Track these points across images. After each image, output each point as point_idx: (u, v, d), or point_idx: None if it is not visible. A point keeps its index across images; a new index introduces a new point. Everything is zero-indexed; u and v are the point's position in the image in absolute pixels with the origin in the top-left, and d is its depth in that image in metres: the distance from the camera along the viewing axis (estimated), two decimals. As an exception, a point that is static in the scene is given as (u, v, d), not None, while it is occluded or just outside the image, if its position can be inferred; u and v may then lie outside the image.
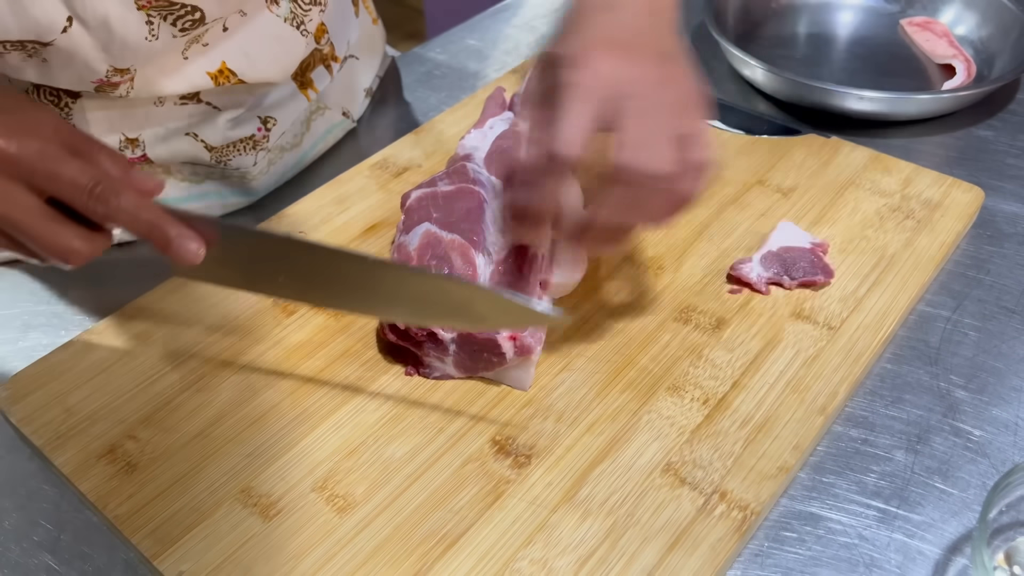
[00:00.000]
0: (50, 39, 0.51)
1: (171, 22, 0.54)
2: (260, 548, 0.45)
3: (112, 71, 0.55)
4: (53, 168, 0.43)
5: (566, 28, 0.49)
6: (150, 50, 0.55)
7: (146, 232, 0.45)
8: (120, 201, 0.44)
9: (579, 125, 0.44)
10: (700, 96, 0.48)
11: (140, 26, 0.53)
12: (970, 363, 0.55)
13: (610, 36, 0.47)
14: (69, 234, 0.44)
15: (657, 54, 0.48)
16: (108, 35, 0.53)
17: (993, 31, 0.82)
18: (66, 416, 0.52)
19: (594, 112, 0.45)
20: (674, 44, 0.49)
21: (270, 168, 0.70)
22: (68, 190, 0.43)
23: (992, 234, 0.64)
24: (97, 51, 0.53)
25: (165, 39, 0.55)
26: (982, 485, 0.49)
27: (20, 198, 0.43)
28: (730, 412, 0.51)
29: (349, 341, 0.56)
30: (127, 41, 0.53)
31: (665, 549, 0.45)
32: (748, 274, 0.58)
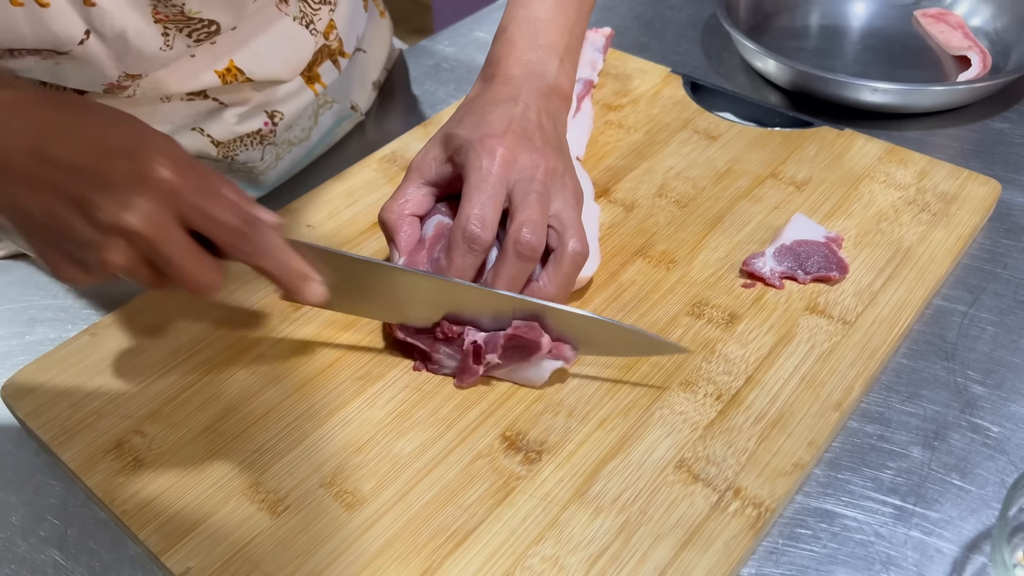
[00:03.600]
0: (67, 49, 0.51)
1: (186, 34, 0.54)
2: (268, 544, 0.45)
3: (123, 76, 0.55)
4: (209, 206, 0.43)
5: (472, 114, 0.54)
6: (164, 59, 0.55)
7: (278, 276, 0.46)
8: (263, 242, 0.44)
9: (494, 209, 0.50)
10: (580, 189, 0.54)
11: (156, 38, 0.53)
12: (987, 358, 0.55)
13: (518, 129, 0.52)
14: (209, 268, 0.44)
15: (557, 150, 0.54)
16: (124, 47, 0.52)
17: (1009, 22, 0.81)
18: (73, 411, 0.52)
19: (503, 197, 0.50)
20: (564, 142, 0.56)
21: (278, 162, 0.70)
22: (219, 228, 0.43)
23: (1009, 227, 0.63)
24: (112, 60, 0.53)
25: (179, 49, 0.55)
26: (1000, 482, 0.48)
27: (176, 232, 0.43)
28: (744, 408, 0.50)
29: (357, 336, 0.55)
30: (143, 52, 0.53)
31: (678, 546, 0.44)
32: (761, 269, 0.58)
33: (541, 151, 0.52)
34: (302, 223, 0.64)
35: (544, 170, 0.51)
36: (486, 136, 0.51)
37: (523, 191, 0.50)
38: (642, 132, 0.71)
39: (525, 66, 0.56)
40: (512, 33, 0.57)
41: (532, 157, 0.51)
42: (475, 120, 0.53)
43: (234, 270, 0.60)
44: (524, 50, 0.56)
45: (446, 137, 0.54)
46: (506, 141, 0.51)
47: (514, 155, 0.51)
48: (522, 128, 0.52)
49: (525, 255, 0.50)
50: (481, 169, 0.50)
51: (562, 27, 0.58)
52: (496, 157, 0.50)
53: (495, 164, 0.50)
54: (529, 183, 0.51)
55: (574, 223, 0.52)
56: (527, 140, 0.52)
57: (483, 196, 0.50)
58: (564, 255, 0.51)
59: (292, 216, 0.64)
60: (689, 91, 0.75)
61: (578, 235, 0.51)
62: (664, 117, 0.72)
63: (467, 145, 0.51)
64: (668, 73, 0.77)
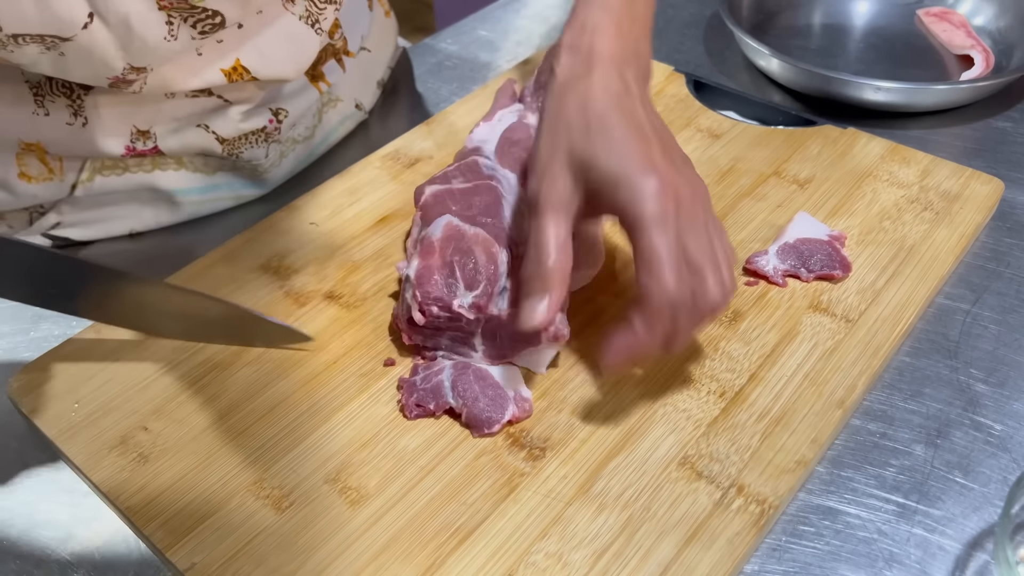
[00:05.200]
0: (70, 35, 0.50)
1: (191, 24, 0.54)
2: (273, 540, 0.45)
3: (129, 69, 0.54)
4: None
5: (597, 116, 0.46)
6: (168, 50, 0.55)
7: None
8: None
9: (674, 264, 0.43)
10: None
11: (160, 26, 0.53)
12: (990, 356, 0.55)
13: (661, 149, 0.45)
14: None
15: (682, 158, 0.48)
16: (128, 33, 0.52)
17: (1012, 21, 0.81)
18: (77, 407, 0.52)
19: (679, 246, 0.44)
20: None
21: (282, 159, 0.70)
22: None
23: (1012, 226, 0.64)
24: (116, 49, 0.53)
25: (184, 40, 0.55)
26: (1003, 480, 0.48)
27: None
28: (747, 405, 0.50)
29: (362, 332, 0.56)
30: (146, 40, 0.53)
31: (682, 543, 0.44)
32: (764, 267, 0.58)
33: (681, 170, 0.47)
34: (305, 221, 0.64)
35: (693, 199, 0.46)
36: (637, 163, 0.44)
37: (682, 235, 0.45)
38: (645, 130, 0.71)
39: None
40: None
41: (679, 184, 0.45)
42: (604, 130, 0.45)
43: (232, 270, 0.60)
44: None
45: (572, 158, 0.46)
46: (662, 175, 0.44)
47: (670, 189, 0.44)
48: (662, 147, 0.47)
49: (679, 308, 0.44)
50: (650, 218, 0.43)
51: None
52: (657, 198, 0.44)
53: (661, 207, 0.44)
54: (685, 222, 0.45)
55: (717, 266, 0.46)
56: (669, 160, 0.46)
57: (665, 255, 0.43)
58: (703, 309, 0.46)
59: (295, 214, 0.64)
60: (692, 90, 0.75)
61: (728, 267, 0.47)
62: (667, 116, 0.72)
63: (619, 179, 0.44)
64: (671, 72, 0.77)
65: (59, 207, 0.64)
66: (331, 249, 0.62)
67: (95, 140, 0.59)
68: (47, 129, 0.59)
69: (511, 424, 0.50)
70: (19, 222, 0.65)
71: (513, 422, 0.50)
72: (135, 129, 0.60)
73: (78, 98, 0.58)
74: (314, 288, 0.59)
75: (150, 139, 0.61)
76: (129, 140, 0.60)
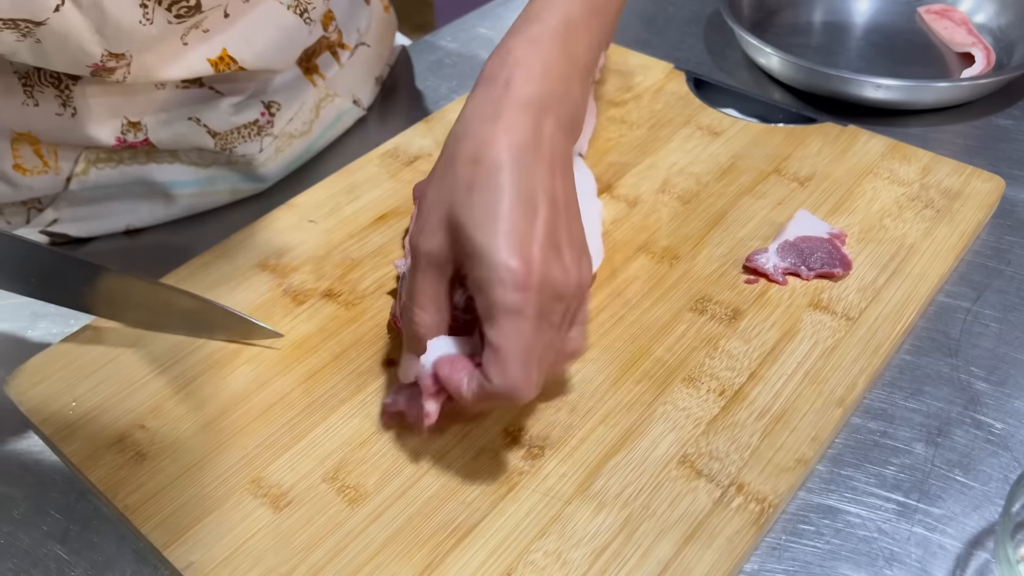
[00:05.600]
0: (43, 18, 0.50)
1: (166, 7, 0.53)
2: (270, 539, 0.45)
3: (107, 55, 0.54)
4: None
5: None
6: (145, 35, 0.54)
7: None
8: None
9: (518, 361, 0.41)
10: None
11: (134, 9, 0.52)
12: (991, 355, 0.54)
13: (542, 229, 0.42)
14: None
15: (572, 239, 0.44)
16: (101, 16, 0.51)
17: (1013, 19, 0.81)
18: (75, 406, 0.52)
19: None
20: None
21: (278, 155, 0.69)
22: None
23: (1013, 224, 0.63)
24: (91, 33, 0.52)
25: (160, 24, 0.54)
26: (1004, 478, 0.48)
27: None
28: (747, 403, 0.50)
29: (360, 330, 0.55)
30: (121, 24, 0.52)
31: (681, 542, 0.44)
32: (764, 264, 0.58)
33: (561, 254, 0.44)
34: (304, 218, 0.64)
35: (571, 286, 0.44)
36: (511, 245, 0.42)
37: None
38: (645, 128, 0.71)
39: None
40: None
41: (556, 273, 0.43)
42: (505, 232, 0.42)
43: (230, 268, 0.60)
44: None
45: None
46: (536, 261, 0.42)
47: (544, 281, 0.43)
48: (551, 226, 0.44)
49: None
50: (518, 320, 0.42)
51: None
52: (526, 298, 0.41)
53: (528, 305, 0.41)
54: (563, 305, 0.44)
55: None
56: (552, 246, 0.44)
57: (520, 359, 0.42)
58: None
59: (294, 211, 0.64)
60: (692, 87, 0.74)
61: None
62: (667, 113, 0.72)
63: (492, 269, 0.42)
64: (671, 69, 0.77)
65: (56, 203, 0.64)
66: (330, 247, 0.61)
67: (85, 131, 0.59)
68: (37, 120, 0.58)
69: None
70: (17, 218, 0.65)
71: None
72: (126, 120, 0.60)
73: (66, 88, 0.58)
74: (312, 286, 0.59)
75: (141, 131, 0.61)
76: (120, 132, 0.60)
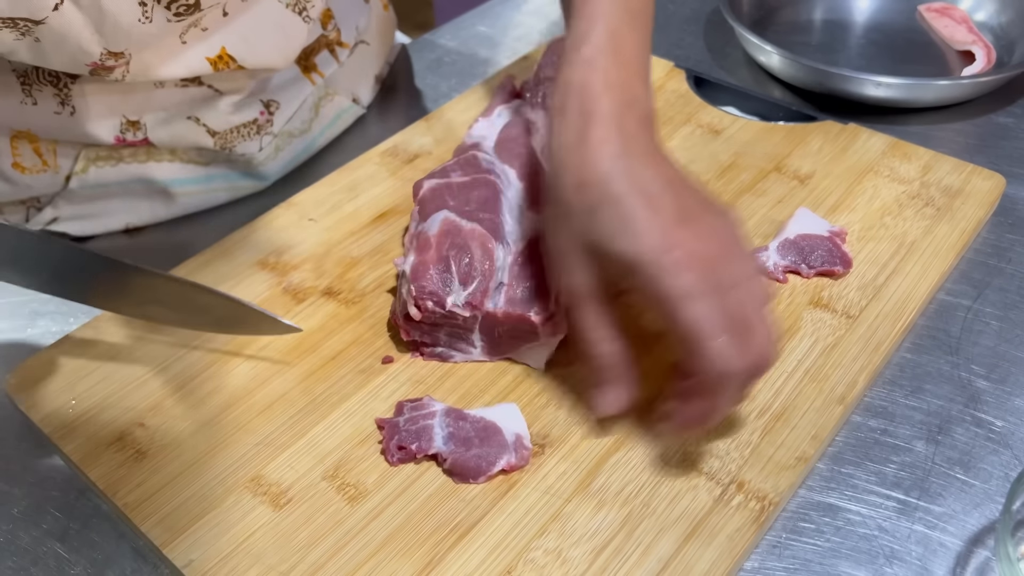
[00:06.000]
0: (42, 17, 0.49)
1: (165, 5, 0.53)
2: (270, 537, 0.45)
3: (106, 54, 0.53)
4: None
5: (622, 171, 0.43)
6: (144, 33, 0.54)
7: None
8: None
9: (714, 336, 0.41)
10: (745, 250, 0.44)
11: (132, 7, 0.52)
12: (991, 352, 0.54)
13: (672, 213, 0.42)
14: None
15: (697, 204, 0.44)
16: (100, 15, 0.51)
17: (1013, 17, 0.81)
18: (75, 404, 0.52)
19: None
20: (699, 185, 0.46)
21: (278, 154, 0.69)
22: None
23: (1013, 222, 0.63)
24: (90, 32, 0.52)
25: (159, 23, 0.54)
26: (1004, 476, 0.48)
27: None
28: (747, 401, 0.50)
29: (360, 328, 0.55)
30: (119, 22, 0.52)
31: (681, 539, 0.44)
32: (765, 263, 0.58)
33: (708, 233, 0.44)
34: (303, 217, 0.64)
35: (723, 261, 0.44)
36: (658, 233, 0.42)
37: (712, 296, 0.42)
38: (645, 126, 0.70)
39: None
40: None
41: (706, 249, 0.43)
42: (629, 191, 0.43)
43: (230, 266, 0.60)
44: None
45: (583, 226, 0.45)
46: (685, 241, 0.42)
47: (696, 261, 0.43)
48: (686, 202, 0.45)
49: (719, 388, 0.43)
50: (683, 300, 0.42)
51: None
52: (680, 275, 0.42)
53: (695, 284, 0.42)
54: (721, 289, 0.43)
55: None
56: (693, 221, 0.44)
57: (705, 334, 0.42)
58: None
59: (293, 210, 0.64)
60: (692, 85, 0.74)
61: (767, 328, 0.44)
62: (667, 111, 0.72)
63: (642, 260, 0.43)
64: (671, 67, 0.76)
65: (55, 202, 0.64)
66: (329, 245, 0.61)
67: (84, 129, 0.59)
68: (35, 118, 0.58)
69: (504, 473, 0.47)
70: (16, 217, 0.65)
71: (507, 471, 0.47)
72: (124, 119, 0.60)
73: (64, 87, 0.57)
74: (312, 284, 0.58)
75: (140, 130, 0.61)
76: (119, 131, 0.60)
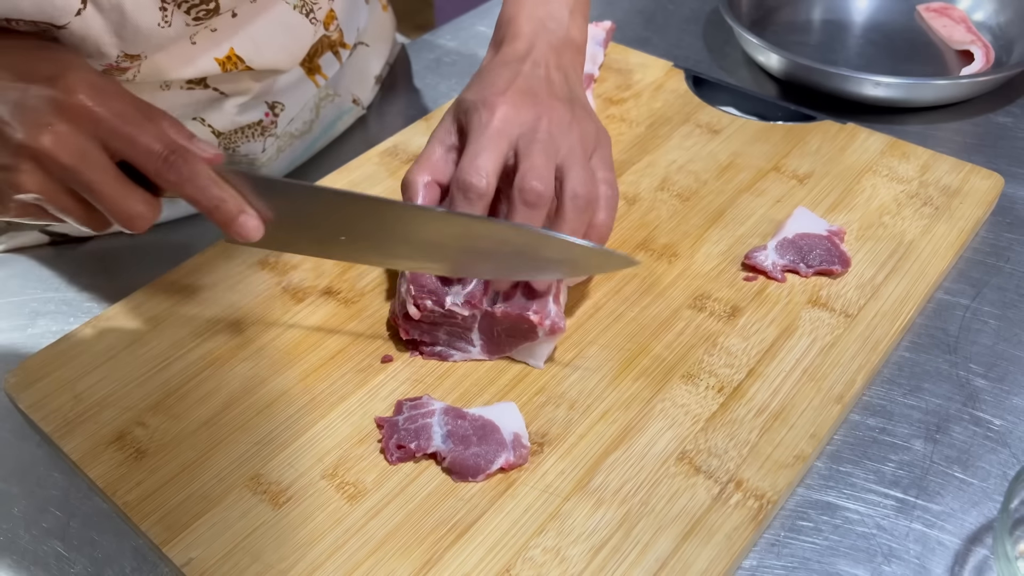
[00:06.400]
0: (64, 22, 0.50)
1: (185, 10, 0.54)
2: (270, 535, 0.45)
3: (123, 56, 0.54)
4: (132, 132, 0.43)
5: (480, 78, 0.54)
6: (162, 37, 0.54)
7: (210, 208, 0.46)
8: (190, 171, 0.44)
9: (491, 159, 0.50)
10: (603, 134, 0.54)
11: (154, 12, 0.53)
12: (990, 351, 0.54)
13: (522, 86, 0.52)
14: (137, 198, 0.44)
15: (565, 101, 0.53)
16: (121, 19, 0.52)
17: (1012, 17, 0.81)
18: (75, 403, 0.52)
19: (504, 149, 0.50)
20: (580, 92, 0.56)
21: (279, 155, 0.69)
22: (143, 155, 0.43)
23: (1012, 221, 0.63)
24: (109, 35, 0.52)
25: (178, 27, 0.54)
26: (1002, 475, 0.48)
27: (96, 158, 0.43)
28: (746, 400, 0.50)
29: (360, 327, 0.55)
30: (139, 27, 0.53)
31: (680, 538, 0.44)
32: (763, 262, 0.58)
33: (546, 104, 0.52)
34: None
35: (548, 121, 0.52)
36: (488, 95, 0.52)
37: (526, 143, 0.51)
38: (644, 126, 0.71)
39: (535, 22, 0.56)
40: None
41: (535, 110, 0.52)
42: (481, 82, 0.54)
43: (230, 266, 0.60)
44: (533, 6, 0.57)
45: (457, 103, 0.54)
46: (507, 98, 0.52)
47: (515, 110, 0.51)
48: (526, 85, 0.53)
49: (531, 202, 0.49)
50: (480, 124, 0.51)
51: None
52: (495, 112, 0.51)
53: (493, 118, 0.51)
54: (532, 134, 0.51)
55: (575, 167, 0.51)
56: (530, 95, 0.52)
57: (478, 147, 0.50)
58: (564, 202, 0.50)
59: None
60: (691, 85, 0.74)
61: (580, 179, 0.50)
62: (666, 111, 0.72)
63: (471, 106, 0.52)
64: (670, 67, 0.77)
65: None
66: (329, 245, 0.61)
67: None
68: None
69: (503, 472, 0.47)
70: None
71: (506, 470, 0.47)
72: None
73: None
74: (312, 284, 0.59)
75: None
76: None
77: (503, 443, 0.47)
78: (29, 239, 0.67)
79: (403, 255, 0.51)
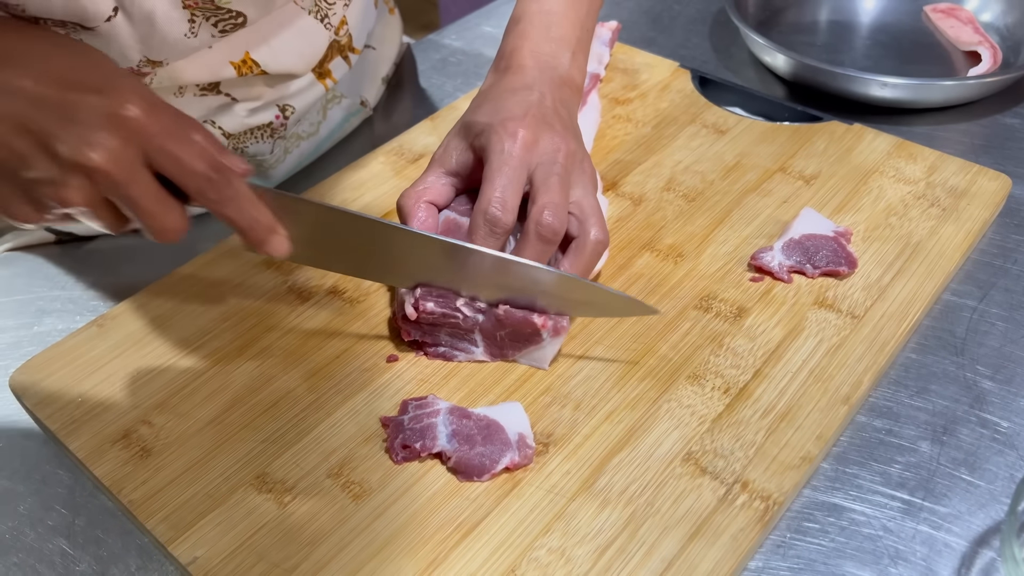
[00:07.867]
0: (93, 25, 0.50)
1: (213, 23, 0.54)
2: (275, 534, 0.45)
3: (144, 62, 0.54)
4: (177, 150, 0.42)
5: (490, 102, 0.54)
6: (187, 46, 0.55)
7: (244, 228, 0.45)
8: (232, 192, 0.44)
9: (516, 193, 0.50)
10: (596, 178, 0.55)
11: (182, 23, 0.53)
12: (997, 353, 0.54)
13: (537, 114, 0.52)
14: (176, 213, 0.44)
15: (574, 136, 0.54)
16: (150, 28, 0.52)
17: (1020, 17, 0.81)
18: (81, 401, 0.52)
19: (524, 180, 0.50)
20: (579, 131, 0.56)
21: (286, 155, 0.69)
22: (187, 175, 0.43)
23: (1019, 223, 0.63)
24: (135, 42, 0.53)
25: (203, 38, 0.55)
26: (1009, 477, 0.48)
27: (142, 174, 0.42)
28: (752, 401, 0.50)
29: (365, 327, 0.55)
30: (167, 36, 0.53)
31: (685, 539, 0.44)
32: (769, 263, 0.57)
33: (561, 135, 0.52)
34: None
35: (565, 153, 0.52)
36: (507, 120, 0.51)
37: (544, 174, 0.50)
38: (650, 126, 0.71)
39: (538, 58, 0.56)
40: (525, 26, 0.57)
41: (553, 140, 0.52)
42: (493, 107, 0.53)
43: (235, 265, 0.60)
44: (537, 42, 0.57)
45: (465, 126, 0.54)
46: (527, 124, 0.51)
47: (535, 137, 0.51)
48: (540, 113, 0.53)
49: (546, 238, 0.49)
50: (503, 152, 0.50)
51: (574, 20, 0.58)
52: (518, 139, 0.50)
53: (516, 146, 0.50)
54: (551, 166, 0.51)
55: (595, 211, 0.51)
56: (547, 124, 0.52)
57: (504, 178, 0.50)
58: (586, 243, 0.51)
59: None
60: (697, 85, 0.74)
61: (599, 223, 0.51)
62: (672, 111, 0.72)
63: (488, 130, 0.52)
64: (676, 67, 0.76)
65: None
66: (335, 244, 0.62)
67: None
68: None
69: (508, 472, 0.47)
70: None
71: (511, 470, 0.47)
72: None
73: None
74: (317, 283, 0.59)
75: None
76: None
77: (508, 443, 0.47)
78: (35, 237, 0.67)
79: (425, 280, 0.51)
